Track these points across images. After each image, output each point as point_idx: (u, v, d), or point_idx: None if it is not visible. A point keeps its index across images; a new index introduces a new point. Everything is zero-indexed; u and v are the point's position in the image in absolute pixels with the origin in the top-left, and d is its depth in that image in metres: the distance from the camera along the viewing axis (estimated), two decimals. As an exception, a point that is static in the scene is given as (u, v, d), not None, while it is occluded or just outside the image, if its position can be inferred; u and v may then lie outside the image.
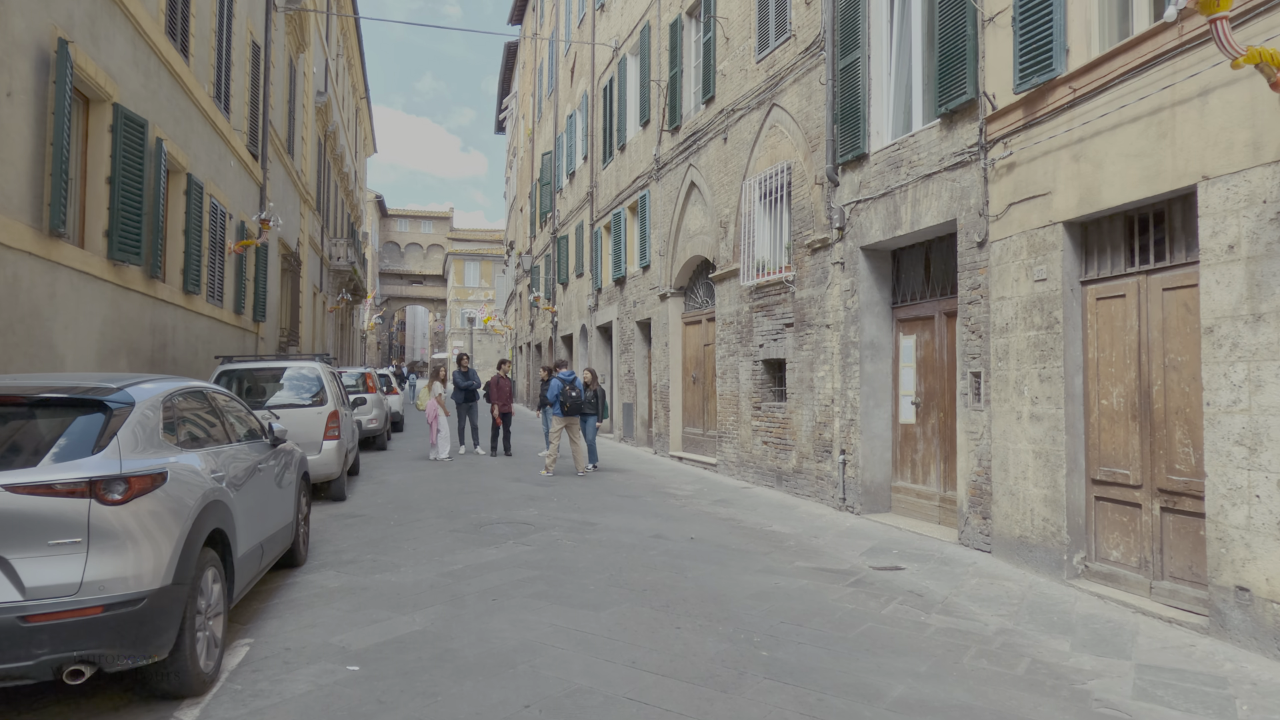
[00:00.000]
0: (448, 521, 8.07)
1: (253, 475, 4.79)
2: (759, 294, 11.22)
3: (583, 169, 21.43)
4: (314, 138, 22.23)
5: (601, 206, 19.26)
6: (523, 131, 34.16)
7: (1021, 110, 6.59)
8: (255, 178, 14.35)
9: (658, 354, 15.30)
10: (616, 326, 17.97)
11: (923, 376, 8.61)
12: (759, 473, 11.15)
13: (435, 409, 13.64)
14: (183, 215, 10.17)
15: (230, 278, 12.79)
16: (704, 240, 13.26)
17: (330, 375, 9.54)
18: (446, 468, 12.53)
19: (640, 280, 16.35)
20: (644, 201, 15.94)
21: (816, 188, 9.83)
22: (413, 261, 72.36)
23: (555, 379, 11.69)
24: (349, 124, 33.47)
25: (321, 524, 7.98)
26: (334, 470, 8.98)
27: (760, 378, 11.22)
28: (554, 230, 25.17)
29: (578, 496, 9.83)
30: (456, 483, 10.85)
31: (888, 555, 7.02)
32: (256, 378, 9.32)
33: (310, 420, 8.89)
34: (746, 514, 8.96)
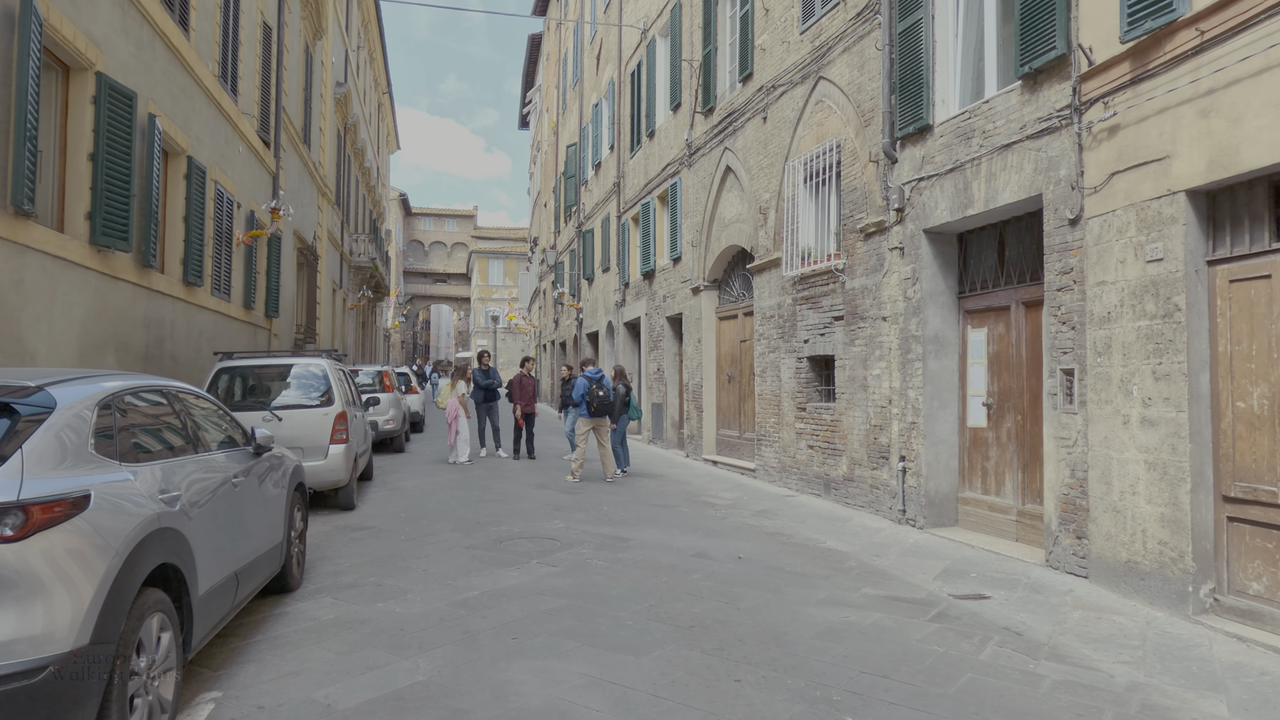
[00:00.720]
0: (464, 536, 7.25)
1: (226, 491, 3.99)
2: (803, 285, 10.30)
3: (609, 159, 20.59)
4: (333, 129, 21.59)
5: (629, 197, 18.40)
6: (546, 125, 33.41)
7: (1129, 63, 5.62)
8: (267, 166, 13.67)
9: (689, 351, 14.41)
10: (645, 322, 17.11)
11: (995, 374, 7.65)
12: (804, 480, 10.23)
13: (456, 409, 12.86)
14: (183, 201, 9.45)
15: (239, 270, 12.09)
16: (741, 229, 12.36)
17: (338, 373, 8.77)
18: (466, 472, 11.74)
19: (670, 273, 15.47)
20: (675, 190, 15.06)
21: (870, 166, 8.89)
22: (437, 260, 72.05)
23: (581, 377, 10.85)
24: (370, 119, 32.91)
25: (324, 538, 7.19)
26: (341, 477, 8.20)
27: (805, 376, 10.30)
28: (579, 224, 24.36)
29: (608, 506, 8.98)
30: (476, 489, 10.05)
31: (966, 580, 6.09)
32: (258, 376, 8.57)
33: (316, 422, 8.12)
34: (795, 527, 8.05)
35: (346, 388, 9.29)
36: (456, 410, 12.87)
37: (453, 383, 13.31)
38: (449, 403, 13.03)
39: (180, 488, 3.43)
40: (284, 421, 8.00)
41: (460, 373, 13.50)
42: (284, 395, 8.41)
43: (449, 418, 12.95)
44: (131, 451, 3.26)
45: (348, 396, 8.96)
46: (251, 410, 8.04)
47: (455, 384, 13.25)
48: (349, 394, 9.28)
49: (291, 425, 8.02)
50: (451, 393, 13.14)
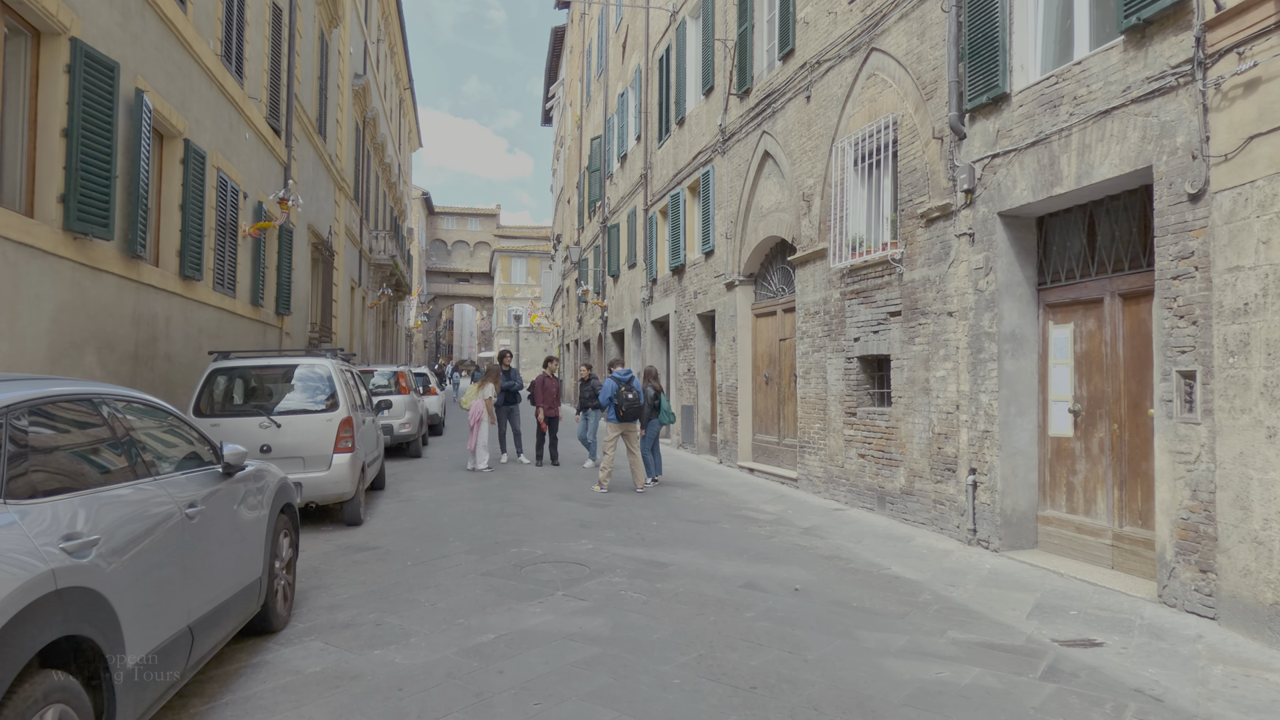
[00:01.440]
0: (480, 559, 6.42)
1: (176, 527, 3.18)
2: (853, 277, 9.38)
3: (635, 150, 19.74)
4: (350, 122, 20.93)
5: (657, 189, 17.54)
6: (570, 119, 32.65)
7: (1274, 2, 4.67)
8: (278, 156, 12.96)
9: (723, 350, 13.52)
10: (674, 320, 16.23)
11: (1084, 376, 6.70)
12: (854, 491, 9.31)
13: (480, 412, 12.06)
14: (179, 188, 8.73)
15: (245, 264, 11.38)
16: (780, 218, 11.45)
17: (344, 375, 7.98)
18: (485, 480, 10.93)
19: (702, 268, 14.58)
20: (707, 179, 14.18)
21: (933, 143, 7.96)
22: (459, 259, 71.70)
23: (609, 379, 10.00)
24: (391, 114, 32.33)
25: (323, 560, 6.40)
26: (346, 490, 7.42)
27: (855, 378, 9.38)
28: (603, 219, 23.54)
29: (640, 522, 8.12)
30: (495, 501, 9.23)
31: (1066, 618, 5.17)
32: (256, 378, 7.80)
33: (318, 429, 7.34)
34: (852, 548, 7.14)
35: (354, 390, 8.52)
36: (480, 413, 12.07)
37: (480, 384, 12.48)
38: (473, 405, 12.22)
39: (100, 529, 2.62)
40: (283, 428, 7.23)
41: (490, 374, 12.62)
42: (284, 399, 7.64)
43: (471, 420, 12.16)
44: (25, 484, 2.45)
45: (355, 400, 8.18)
46: (247, 416, 7.28)
47: (483, 385, 12.41)
48: (357, 397, 8.50)
49: (291, 432, 7.25)
50: (478, 394, 12.34)
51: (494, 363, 12.79)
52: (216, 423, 7.14)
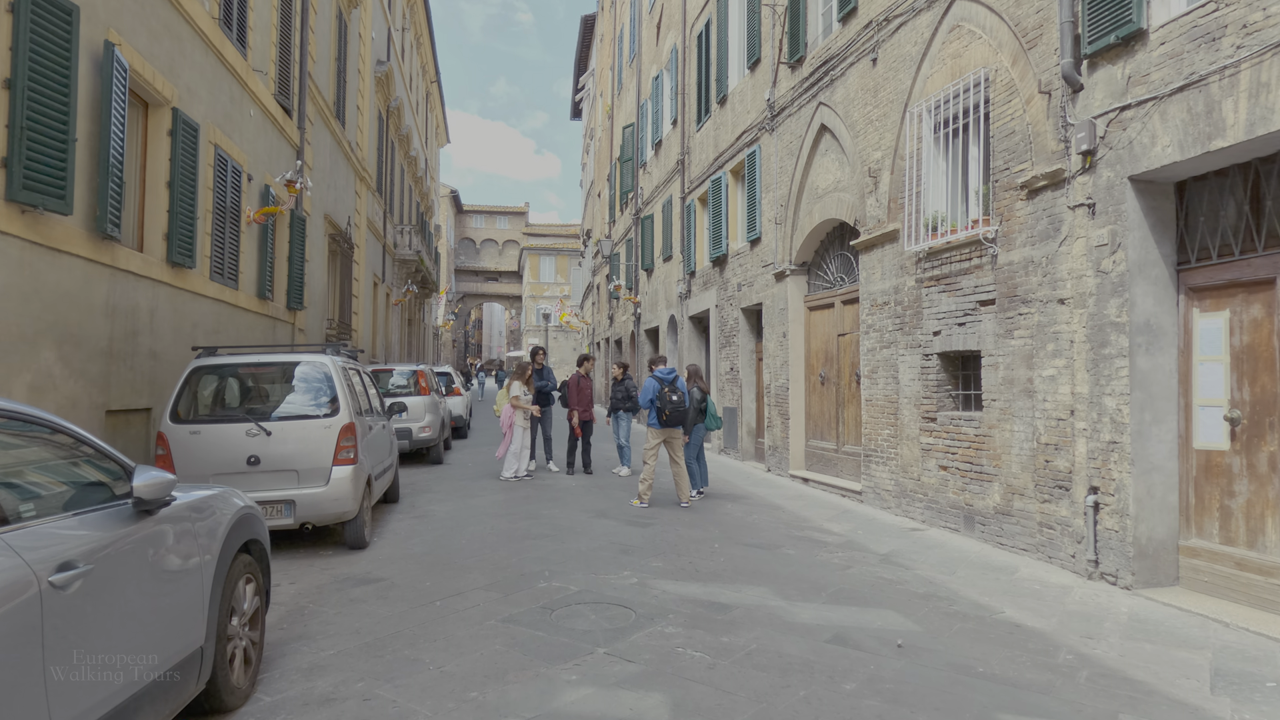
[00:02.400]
0: (502, 597, 5.29)
1: (22, 608, 2.07)
2: (932, 261, 8.13)
3: (671, 136, 18.57)
4: (373, 110, 20.01)
5: (695, 175, 16.35)
6: (600, 110, 31.57)
7: None
8: (289, 137, 11.98)
9: (771, 347, 12.31)
10: (715, 315, 15.03)
11: (1247, 376, 5.41)
12: (933, 509, 8.07)
13: (510, 417, 10.95)
14: (166, 162, 7.73)
15: (250, 253, 10.40)
16: (840, 199, 10.21)
17: (348, 375, 6.91)
18: (511, 492, 9.82)
19: (747, 258, 13.37)
20: (752, 160, 12.97)
21: (1038, 100, 6.70)
22: (488, 258, 71.11)
23: (650, 379, 8.85)
24: (418, 107, 31.49)
25: (314, 597, 5.32)
26: (347, 508, 6.34)
27: (935, 377, 8.13)
28: (636, 211, 22.40)
29: (690, 546, 6.96)
30: (522, 518, 8.11)
31: (1263, 692, 3.92)
32: (245, 379, 6.76)
33: (314, 438, 6.27)
34: (946, 582, 5.92)
35: (361, 392, 7.45)
36: (511, 419, 10.95)
37: (507, 385, 11.27)
38: (504, 410, 11.07)
39: None
40: (274, 436, 6.17)
41: (519, 373, 11.42)
42: (276, 403, 6.59)
43: (503, 426, 11.03)
44: None
45: (360, 404, 7.10)
46: (232, 422, 6.23)
47: (510, 386, 11.22)
48: (364, 400, 7.43)
49: (284, 441, 6.19)
50: (506, 398, 11.17)
51: (523, 360, 11.62)
52: (196, 430, 6.10)
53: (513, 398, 11.00)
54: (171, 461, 6.02)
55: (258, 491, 6.11)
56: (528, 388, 11.22)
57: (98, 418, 6.52)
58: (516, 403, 11.01)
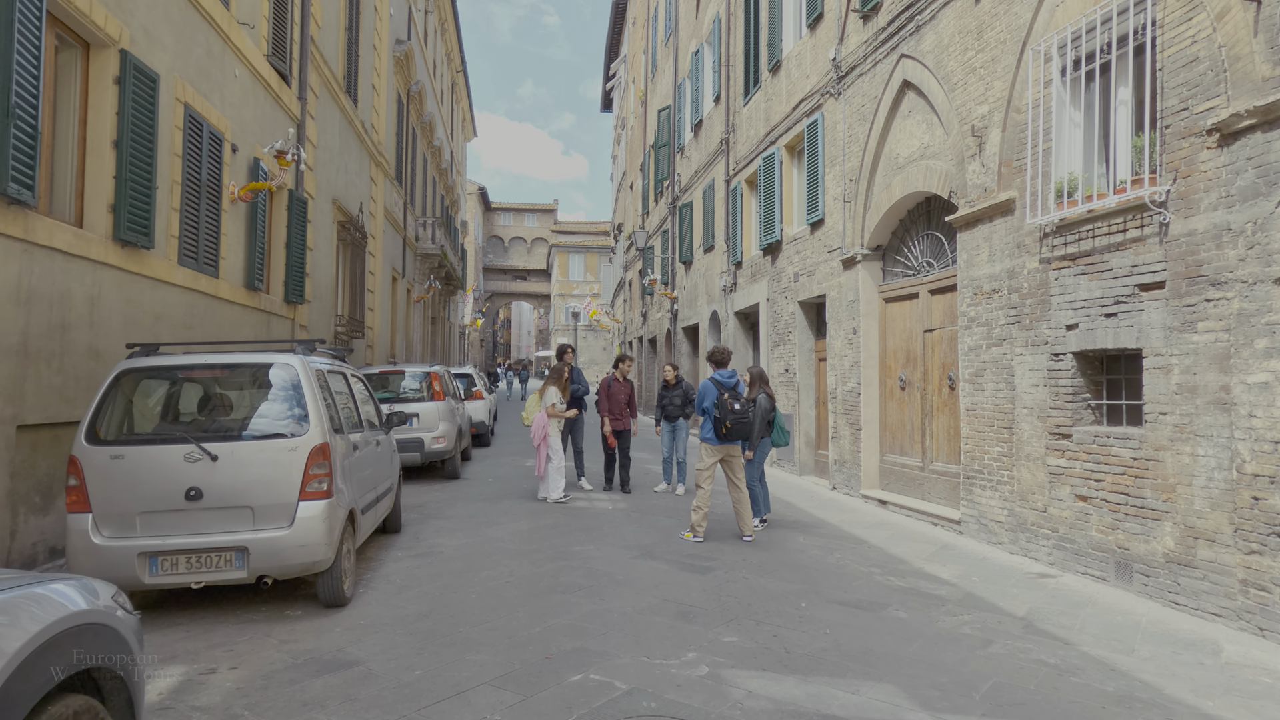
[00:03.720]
0: (519, 701, 3.70)
1: None
2: (1066, 236, 6.43)
3: (713, 114, 16.92)
4: (390, 92, 18.61)
5: (743, 154, 14.69)
6: (633, 97, 30.00)
7: None
8: (286, 107, 10.54)
9: (837, 346, 10.63)
10: (766, 310, 13.37)
11: None
12: (1066, 549, 6.36)
13: (544, 427, 9.27)
14: (111, 117, 6.28)
15: (236, 236, 8.96)
16: (928, 168, 8.52)
17: (324, 379, 5.37)
18: (537, 519, 8.24)
19: (806, 243, 11.70)
20: (813, 131, 11.29)
21: (1238, 10, 4.98)
22: (516, 256, 69.99)
23: (708, 382, 7.23)
24: (442, 97, 30.16)
25: (253, 697, 3.78)
26: (319, 557, 4.80)
27: (1068, 382, 6.42)
28: (673, 199, 20.78)
29: (768, 605, 5.33)
30: (549, 557, 6.53)
31: None
32: (189, 385, 5.24)
33: (275, 463, 4.74)
34: (1132, 668, 4.24)
35: (347, 401, 5.92)
36: (545, 428, 9.28)
37: (541, 391, 9.57)
38: (536, 419, 9.35)
39: None
40: (221, 462, 4.65)
41: (555, 377, 9.65)
42: (227, 417, 5.08)
43: (535, 438, 9.30)
44: None
45: (343, 416, 5.56)
46: (168, 444, 4.72)
47: (544, 391, 9.52)
48: (349, 411, 5.90)
49: (234, 468, 4.67)
50: (540, 404, 9.47)
51: (558, 363, 9.96)
52: (119, 454, 4.60)
53: (548, 406, 9.36)
54: (86, 494, 4.53)
55: (199, 535, 4.60)
56: (564, 394, 9.54)
57: (3, 435, 5.06)
58: (554, 411, 9.36)
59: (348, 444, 5.41)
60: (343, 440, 5.29)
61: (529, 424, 9.35)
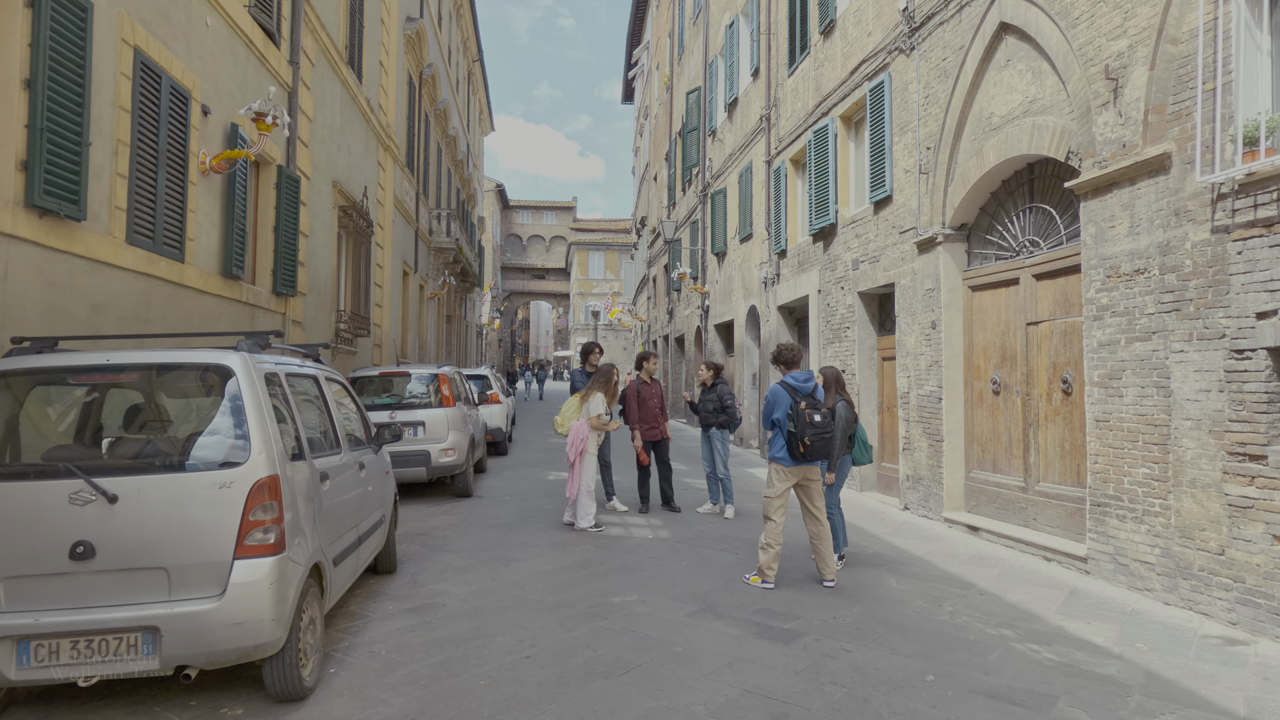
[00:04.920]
0: None
1: None
2: (1256, 196, 4.91)
3: (751, 91, 15.43)
4: (401, 72, 17.28)
5: (787, 130, 13.20)
6: (658, 83, 28.55)
7: None
8: (274, 71, 9.19)
9: (910, 342, 9.13)
10: (817, 303, 11.87)
11: None
12: (1262, 608, 4.84)
13: (582, 438, 7.73)
14: (22, 48, 4.91)
15: (208, 214, 7.61)
16: (1036, 125, 7.01)
17: (280, 386, 3.94)
18: (566, 553, 6.78)
19: (868, 225, 10.19)
20: (879, 95, 9.79)
21: None
22: (535, 255, 68.81)
23: (777, 386, 5.76)
24: (458, 86, 28.86)
25: None
26: (265, 637, 3.39)
27: (1260, 387, 4.90)
28: (704, 187, 19.31)
29: (892, 698, 3.87)
30: (583, 614, 5.09)
31: None
32: (89, 395, 3.84)
33: (200, 505, 3.34)
34: None
35: (320, 415, 4.51)
36: (583, 441, 7.73)
37: (583, 395, 7.97)
38: (574, 429, 7.83)
39: None
40: (122, 505, 3.26)
41: (601, 380, 7.95)
42: (137, 440, 3.68)
43: (570, 454, 7.77)
44: None
45: (302, 436, 4.13)
46: (45, 478, 3.32)
47: (588, 398, 7.91)
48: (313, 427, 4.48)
49: (138, 515, 3.29)
50: (580, 413, 7.96)
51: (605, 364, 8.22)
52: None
53: (593, 417, 7.80)
54: (-71, 552, 3.15)
55: (90, 609, 3.22)
56: (610, 402, 7.95)
57: None
58: (599, 423, 7.82)
59: (312, 473, 3.99)
60: (304, 469, 3.88)
61: (563, 432, 7.90)
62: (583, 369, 8.72)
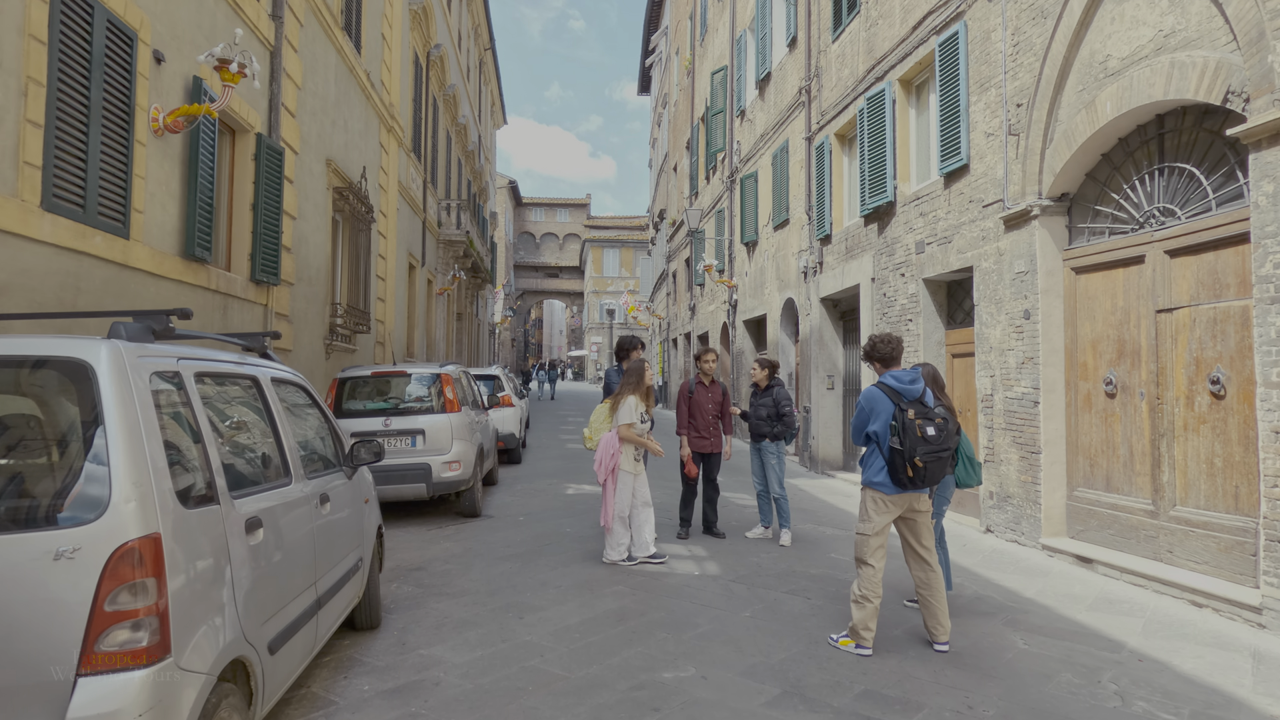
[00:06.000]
0: None
1: None
2: None
3: (787, 64, 14.07)
4: (406, 48, 16.02)
5: (832, 101, 11.83)
6: (677, 69, 27.20)
7: None
8: (251, 23, 7.94)
9: (993, 335, 7.76)
10: (870, 293, 10.49)
11: None
12: None
13: (612, 453, 6.27)
14: None
15: (163, 182, 6.36)
16: (1174, 65, 5.62)
17: (149, 399, 2.58)
18: (592, 603, 5.41)
19: (938, 201, 8.82)
20: (952, 48, 8.42)
21: None
22: (548, 253, 67.63)
23: (875, 390, 4.42)
24: (469, 73, 27.63)
25: None
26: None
27: None
28: (731, 173, 17.95)
29: None
30: (624, 707, 3.73)
31: None
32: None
33: (20, 588, 2.04)
34: None
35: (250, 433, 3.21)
36: (615, 457, 6.26)
37: (615, 399, 6.48)
38: (602, 442, 6.38)
39: None
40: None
41: (632, 380, 6.45)
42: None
43: (600, 473, 6.29)
44: None
45: (217, 467, 2.80)
46: None
47: (620, 402, 6.39)
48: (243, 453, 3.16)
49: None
50: (610, 423, 6.54)
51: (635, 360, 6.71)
52: None
53: (622, 425, 6.31)
54: None
55: None
56: (648, 406, 6.47)
57: None
58: (629, 434, 6.29)
59: (233, 524, 2.69)
60: (214, 517, 2.57)
61: (592, 447, 6.56)
62: (619, 368, 7.38)
